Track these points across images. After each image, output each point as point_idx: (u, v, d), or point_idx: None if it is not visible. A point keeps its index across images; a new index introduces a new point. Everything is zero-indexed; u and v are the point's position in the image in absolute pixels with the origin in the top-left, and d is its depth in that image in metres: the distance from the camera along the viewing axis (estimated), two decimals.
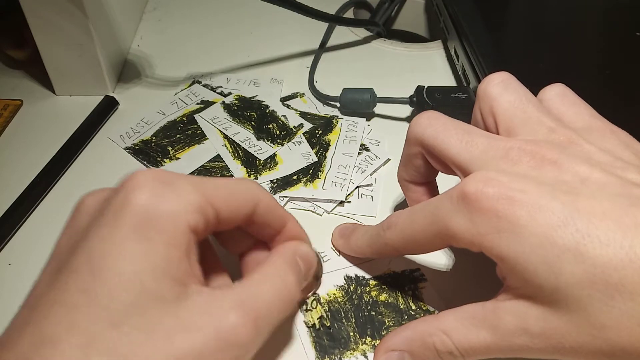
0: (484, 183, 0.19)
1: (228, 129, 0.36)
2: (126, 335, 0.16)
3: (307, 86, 0.40)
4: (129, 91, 0.39)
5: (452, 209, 0.20)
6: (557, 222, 0.18)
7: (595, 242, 0.17)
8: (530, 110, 0.22)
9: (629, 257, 0.16)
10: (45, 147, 0.34)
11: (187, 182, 0.19)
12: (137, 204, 0.17)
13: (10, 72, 0.41)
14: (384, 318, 0.25)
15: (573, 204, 0.18)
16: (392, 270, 0.27)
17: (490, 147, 0.21)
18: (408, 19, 0.52)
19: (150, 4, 0.49)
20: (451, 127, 0.23)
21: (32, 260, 0.28)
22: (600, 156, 0.20)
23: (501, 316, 0.19)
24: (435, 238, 0.21)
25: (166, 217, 0.18)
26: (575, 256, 0.17)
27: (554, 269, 0.17)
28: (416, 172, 0.26)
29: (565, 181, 0.19)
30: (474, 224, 0.19)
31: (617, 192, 0.18)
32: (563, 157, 0.20)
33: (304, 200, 0.31)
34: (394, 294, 0.26)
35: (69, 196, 0.32)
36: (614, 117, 0.23)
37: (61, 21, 0.34)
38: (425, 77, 0.41)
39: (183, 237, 0.18)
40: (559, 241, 0.17)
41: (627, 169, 0.19)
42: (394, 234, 0.23)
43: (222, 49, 0.43)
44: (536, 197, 0.18)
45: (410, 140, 0.24)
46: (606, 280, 0.17)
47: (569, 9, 0.42)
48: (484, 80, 0.24)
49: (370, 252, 0.26)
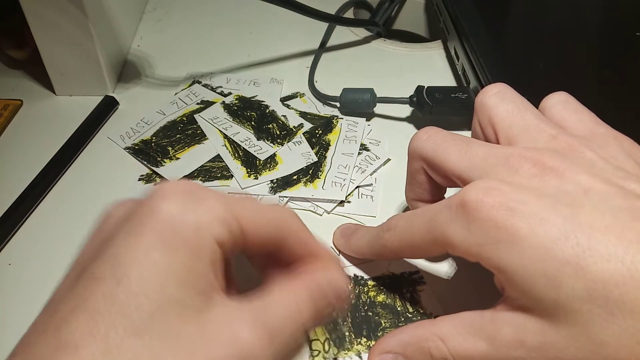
0: (484, 192, 0.19)
1: (228, 129, 0.36)
2: (147, 344, 0.16)
3: (307, 86, 0.40)
4: (129, 91, 0.39)
5: (451, 217, 0.20)
6: (558, 235, 0.17)
7: (596, 257, 0.17)
8: (529, 118, 0.22)
9: (630, 273, 0.16)
10: (45, 147, 0.34)
11: (214, 196, 0.19)
12: (164, 214, 0.17)
13: (10, 72, 0.41)
14: (381, 319, 0.25)
15: (574, 216, 0.18)
16: (391, 272, 0.27)
17: (490, 155, 0.21)
18: (408, 19, 0.52)
19: (150, 4, 0.49)
20: (450, 139, 0.22)
21: (32, 260, 0.29)
22: (601, 165, 0.20)
23: (499, 327, 0.19)
24: (432, 244, 0.21)
25: (192, 229, 0.17)
26: (575, 270, 0.17)
27: (554, 282, 0.17)
28: (421, 189, 0.25)
29: (567, 192, 0.19)
30: (472, 233, 0.19)
31: (620, 205, 0.18)
32: (565, 165, 0.19)
33: (304, 200, 0.31)
34: (392, 296, 0.26)
35: (69, 196, 0.32)
36: (614, 117, 0.23)
37: (61, 21, 0.34)
38: (425, 77, 0.41)
39: (209, 249, 0.18)
40: (559, 254, 0.17)
41: (629, 178, 0.19)
42: (393, 237, 0.23)
43: (222, 49, 0.43)
44: (537, 208, 0.18)
45: (411, 156, 0.24)
46: (606, 295, 0.16)
47: (569, 9, 0.42)
48: (481, 92, 0.24)
49: (369, 253, 0.26)
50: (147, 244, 0.17)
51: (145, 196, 0.18)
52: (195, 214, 0.18)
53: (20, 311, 0.22)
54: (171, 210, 0.17)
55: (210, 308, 0.17)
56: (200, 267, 0.17)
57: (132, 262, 0.16)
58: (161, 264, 0.17)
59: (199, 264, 0.17)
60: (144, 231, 0.17)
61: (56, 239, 0.29)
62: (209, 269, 0.18)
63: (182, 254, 0.17)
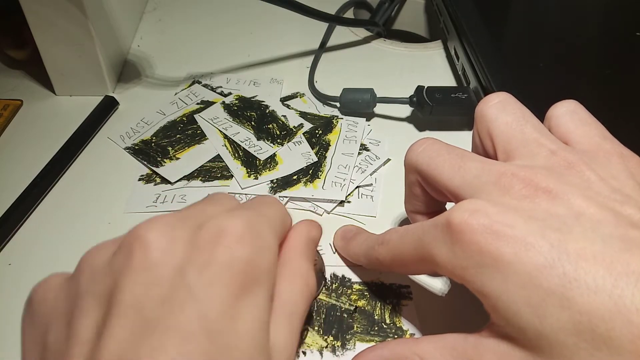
0: (469, 213, 0.18)
1: (228, 129, 0.36)
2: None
3: (307, 86, 0.40)
4: (129, 91, 0.39)
5: (437, 237, 0.19)
6: (544, 263, 0.17)
7: (582, 288, 0.16)
8: (528, 131, 0.21)
9: (618, 307, 0.15)
10: (45, 147, 0.34)
11: (270, 230, 0.19)
12: (242, 262, 0.17)
13: (10, 72, 0.41)
14: (354, 323, 0.25)
15: (562, 244, 0.17)
16: (381, 281, 0.27)
17: (483, 172, 0.20)
18: (408, 19, 0.52)
19: (150, 4, 0.49)
20: (444, 153, 0.22)
21: (32, 260, 0.29)
22: (599, 186, 0.19)
23: (482, 353, 0.18)
24: (420, 263, 0.21)
25: (266, 273, 0.18)
26: (560, 301, 0.16)
27: (538, 312, 0.16)
28: (418, 202, 0.25)
29: (558, 215, 0.18)
30: (456, 255, 0.18)
31: (611, 233, 0.17)
32: (559, 186, 0.18)
33: (304, 200, 0.31)
34: (373, 303, 0.26)
35: (69, 196, 0.32)
36: (614, 117, 0.22)
37: (61, 21, 0.34)
38: (425, 77, 0.41)
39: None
40: (544, 283, 0.16)
41: (626, 203, 0.18)
42: (386, 252, 0.23)
43: (222, 49, 0.43)
44: (524, 233, 0.17)
45: (406, 168, 0.24)
46: (593, 330, 0.16)
47: (569, 9, 0.42)
48: (481, 101, 0.23)
49: (364, 262, 0.26)
50: (231, 293, 0.17)
51: (205, 232, 0.18)
52: (266, 259, 0.19)
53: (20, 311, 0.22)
54: (246, 256, 0.18)
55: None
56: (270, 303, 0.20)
57: (223, 316, 0.17)
58: (249, 314, 0.18)
59: (270, 302, 0.19)
60: (225, 281, 0.17)
61: (56, 239, 0.29)
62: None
63: (261, 298, 0.18)
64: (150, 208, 0.31)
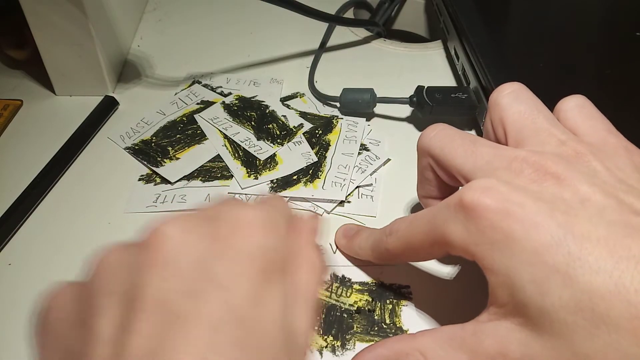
0: (481, 192, 0.19)
1: (228, 129, 0.36)
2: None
3: (307, 86, 0.40)
4: (129, 91, 0.39)
5: (450, 217, 0.20)
6: (550, 242, 0.17)
7: (585, 268, 0.17)
8: (540, 121, 0.22)
9: (617, 288, 0.16)
10: (45, 147, 0.34)
11: (283, 220, 0.19)
12: (263, 249, 0.17)
13: (10, 72, 0.41)
14: (354, 323, 0.25)
15: (569, 225, 0.17)
16: (381, 281, 0.27)
17: (495, 158, 0.21)
18: (408, 19, 0.52)
19: (150, 4, 0.49)
20: (457, 138, 0.22)
21: (32, 260, 0.29)
22: (605, 176, 0.19)
23: (481, 339, 0.19)
24: (433, 246, 0.21)
25: (285, 260, 0.18)
26: (564, 279, 0.17)
27: (542, 289, 0.17)
28: (431, 187, 0.25)
29: (565, 199, 0.18)
30: (469, 232, 0.19)
31: (615, 219, 0.18)
32: (567, 172, 0.19)
33: (304, 200, 0.31)
34: (373, 303, 0.26)
35: (69, 196, 0.32)
36: (614, 117, 0.23)
37: (61, 21, 0.34)
38: (425, 77, 0.41)
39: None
40: (550, 261, 0.17)
41: (630, 192, 0.19)
42: (395, 241, 0.23)
43: (222, 49, 0.43)
44: (533, 212, 0.18)
45: (419, 153, 0.25)
46: (593, 308, 0.16)
47: (569, 9, 0.42)
48: (495, 90, 0.23)
49: (372, 257, 0.26)
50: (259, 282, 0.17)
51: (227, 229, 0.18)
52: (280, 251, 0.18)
53: (20, 311, 0.22)
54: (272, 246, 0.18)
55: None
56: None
57: (255, 306, 0.16)
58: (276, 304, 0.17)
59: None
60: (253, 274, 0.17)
61: (56, 239, 0.29)
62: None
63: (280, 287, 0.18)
64: (150, 208, 0.31)
